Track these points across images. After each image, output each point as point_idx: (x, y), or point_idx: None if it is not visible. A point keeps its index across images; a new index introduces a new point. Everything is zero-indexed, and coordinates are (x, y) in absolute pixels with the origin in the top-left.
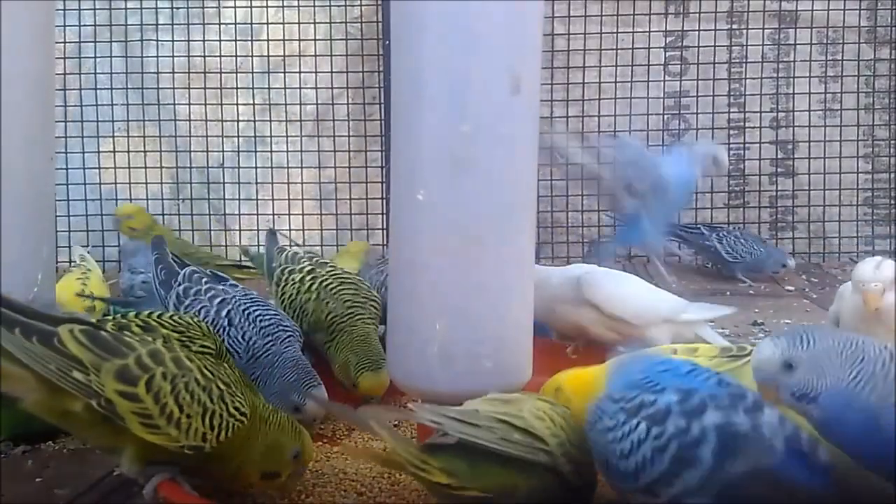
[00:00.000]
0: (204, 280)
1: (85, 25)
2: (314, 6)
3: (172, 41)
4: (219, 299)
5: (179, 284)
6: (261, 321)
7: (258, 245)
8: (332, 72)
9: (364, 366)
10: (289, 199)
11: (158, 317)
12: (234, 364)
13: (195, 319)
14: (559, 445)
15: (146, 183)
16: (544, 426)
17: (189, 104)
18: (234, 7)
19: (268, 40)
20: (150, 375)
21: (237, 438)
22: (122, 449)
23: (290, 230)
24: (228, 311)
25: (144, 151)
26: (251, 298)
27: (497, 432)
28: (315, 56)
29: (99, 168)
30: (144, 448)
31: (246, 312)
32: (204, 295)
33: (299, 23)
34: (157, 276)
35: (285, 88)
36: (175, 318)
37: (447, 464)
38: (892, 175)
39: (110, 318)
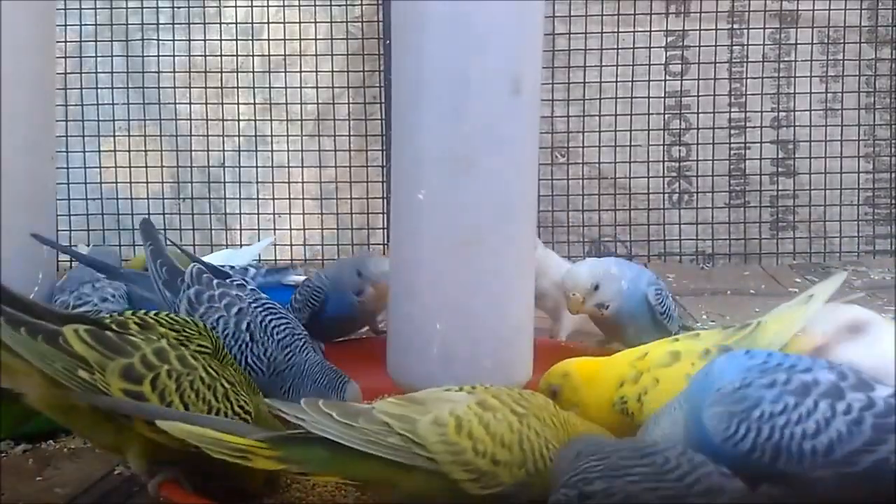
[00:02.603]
0: (214, 282)
1: (86, 25)
2: (315, 6)
3: (173, 41)
4: (235, 308)
5: (189, 287)
6: (277, 333)
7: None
8: (332, 71)
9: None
10: (289, 199)
11: (155, 315)
12: (236, 365)
13: (191, 318)
14: (454, 454)
15: (147, 182)
16: (437, 433)
17: (190, 104)
18: (235, 6)
19: (268, 40)
20: (155, 374)
21: None
22: (126, 447)
23: (290, 230)
24: (248, 325)
25: (145, 151)
26: (263, 304)
27: (369, 435)
28: (316, 55)
29: (100, 167)
30: (149, 446)
31: (263, 325)
32: (219, 301)
33: (300, 22)
34: (158, 275)
35: (286, 88)
36: (171, 316)
37: (296, 453)
38: (893, 175)
39: (107, 316)
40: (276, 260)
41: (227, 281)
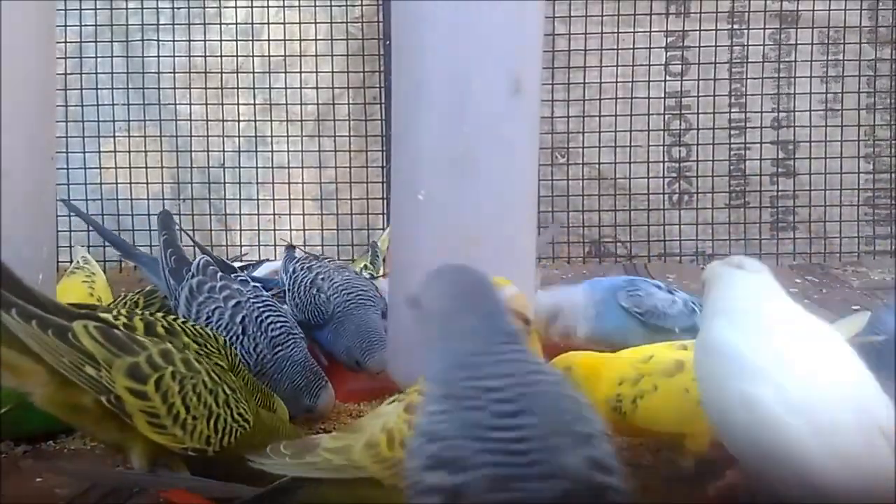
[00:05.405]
0: (218, 275)
1: (86, 25)
2: (315, 6)
3: (173, 41)
4: (233, 301)
5: (193, 276)
6: (272, 330)
7: (258, 245)
8: (332, 72)
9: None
10: (289, 199)
11: (183, 323)
12: (249, 377)
13: (213, 332)
14: (393, 468)
15: (147, 183)
16: (370, 455)
17: (190, 104)
18: (235, 7)
19: (269, 40)
20: (160, 374)
21: (240, 445)
22: (129, 446)
23: (290, 230)
24: (243, 318)
25: (145, 151)
26: (263, 301)
27: (318, 464)
28: (316, 56)
29: (100, 168)
30: (151, 446)
31: (259, 320)
32: (219, 293)
33: (300, 23)
34: (166, 262)
35: (286, 88)
36: (196, 327)
37: None
38: (894, 175)
39: (139, 312)
40: (275, 260)
41: (231, 276)
